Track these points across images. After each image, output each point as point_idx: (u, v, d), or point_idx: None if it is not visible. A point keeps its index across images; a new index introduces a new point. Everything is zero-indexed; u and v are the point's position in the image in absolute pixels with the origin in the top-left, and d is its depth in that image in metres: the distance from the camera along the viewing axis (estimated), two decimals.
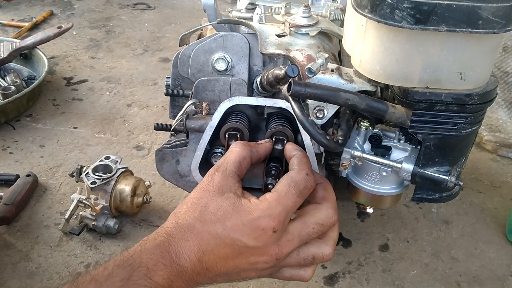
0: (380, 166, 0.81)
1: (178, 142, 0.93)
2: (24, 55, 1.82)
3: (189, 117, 0.85)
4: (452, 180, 0.75)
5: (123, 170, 1.18)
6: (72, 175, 1.20)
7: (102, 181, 1.13)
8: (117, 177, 1.16)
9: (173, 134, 0.97)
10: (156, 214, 1.23)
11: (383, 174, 0.82)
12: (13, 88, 1.62)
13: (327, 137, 0.72)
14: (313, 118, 0.79)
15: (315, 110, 0.79)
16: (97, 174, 1.15)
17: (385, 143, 0.81)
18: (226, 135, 0.77)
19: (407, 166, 0.77)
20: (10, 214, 1.18)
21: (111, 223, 1.14)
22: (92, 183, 1.12)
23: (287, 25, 0.89)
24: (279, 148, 0.76)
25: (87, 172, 1.15)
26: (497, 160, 1.48)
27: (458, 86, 0.68)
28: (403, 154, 0.80)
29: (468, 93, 0.68)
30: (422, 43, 0.65)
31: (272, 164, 0.76)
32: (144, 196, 1.19)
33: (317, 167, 0.80)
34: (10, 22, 2.34)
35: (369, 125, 0.81)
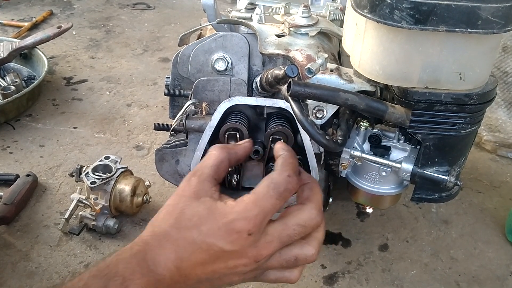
0: (380, 166, 0.81)
1: (178, 142, 0.93)
2: (24, 55, 1.82)
3: (189, 117, 0.85)
4: (452, 180, 0.75)
5: (123, 170, 1.18)
6: (72, 175, 1.20)
7: (102, 181, 1.13)
8: (117, 177, 1.15)
9: (173, 134, 0.97)
10: None
11: (383, 174, 0.82)
12: (13, 88, 1.62)
13: (327, 137, 0.72)
14: (313, 118, 0.79)
15: (315, 110, 0.79)
16: (97, 174, 1.15)
17: (385, 143, 0.82)
18: (226, 135, 0.77)
19: (407, 166, 0.77)
20: (10, 214, 1.18)
21: (111, 223, 1.14)
22: (92, 183, 1.12)
23: (287, 25, 0.89)
24: None
25: (87, 172, 1.15)
26: (497, 160, 1.48)
27: (458, 86, 0.68)
28: (403, 154, 0.80)
29: (468, 93, 0.69)
30: (422, 43, 0.65)
31: (272, 164, 0.77)
32: (144, 196, 1.19)
33: (317, 167, 0.80)
34: (10, 22, 2.33)
35: (369, 125, 0.82)
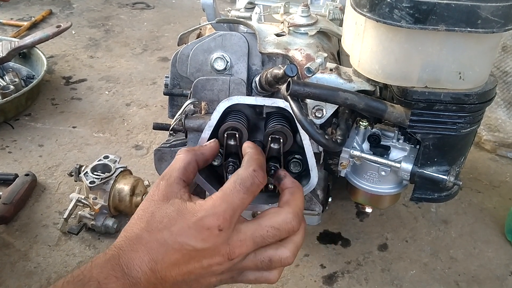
0: (379, 166, 0.81)
1: (177, 142, 0.93)
2: (23, 54, 1.82)
3: (188, 117, 0.85)
4: (451, 180, 0.75)
5: (122, 170, 1.18)
6: (71, 175, 1.20)
7: (101, 181, 1.13)
8: (116, 177, 1.15)
9: (172, 134, 0.97)
10: None
11: (382, 174, 0.82)
12: (12, 88, 1.62)
13: (326, 137, 0.71)
14: (312, 118, 0.79)
15: (314, 110, 0.79)
16: (96, 174, 1.14)
17: (384, 143, 0.81)
18: (225, 135, 0.77)
19: (406, 166, 0.77)
20: (9, 214, 1.18)
21: (110, 223, 1.14)
22: (91, 183, 1.12)
23: (286, 25, 0.89)
24: (277, 148, 0.76)
25: (86, 172, 1.15)
26: (496, 160, 1.48)
27: (457, 86, 0.68)
28: (402, 154, 0.80)
29: (467, 93, 0.68)
30: (421, 43, 0.65)
31: (271, 164, 0.76)
32: (143, 196, 1.18)
33: (316, 167, 0.80)
34: (9, 21, 2.33)
35: (368, 125, 0.81)
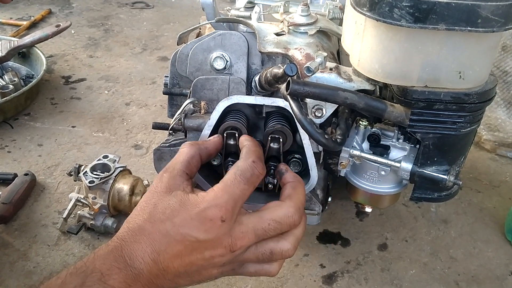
0: (379, 165, 0.81)
1: (176, 141, 0.93)
2: (22, 54, 1.82)
3: (188, 116, 0.84)
4: (451, 180, 0.75)
5: (121, 169, 1.17)
6: (70, 174, 1.20)
7: (100, 180, 1.13)
8: (115, 176, 1.15)
9: (171, 133, 0.97)
10: None
11: (382, 173, 0.82)
12: (11, 87, 1.62)
13: (326, 136, 0.71)
14: (312, 117, 0.79)
15: (314, 109, 0.79)
16: (95, 173, 1.14)
17: (384, 142, 0.81)
18: (225, 134, 0.77)
19: (406, 165, 0.77)
20: (8, 213, 1.18)
21: (109, 222, 1.14)
22: (90, 182, 1.12)
23: (286, 24, 0.89)
24: (276, 147, 0.76)
25: (85, 171, 1.15)
26: (496, 160, 1.48)
27: (457, 85, 0.68)
28: (402, 153, 0.80)
29: (467, 92, 0.68)
30: (421, 42, 0.65)
31: (271, 163, 0.76)
32: (143, 195, 1.18)
33: (316, 166, 0.80)
34: (8, 21, 2.33)
35: (368, 124, 0.81)
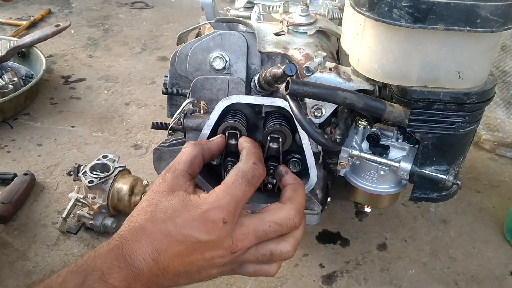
0: (378, 165, 0.81)
1: (176, 141, 0.93)
2: (22, 54, 1.82)
3: (187, 116, 0.84)
4: (450, 179, 0.75)
5: (121, 169, 1.17)
6: (70, 174, 1.20)
7: (100, 180, 1.13)
8: (115, 176, 1.15)
9: (171, 133, 0.97)
10: None
11: (381, 173, 0.82)
12: (11, 87, 1.62)
13: (325, 136, 0.71)
14: (311, 117, 0.79)
15: (313, 109, 0.79)
16: (95, 173, 1.14)
17: (383, 142, 0.81)
18: (226, 134, 0.77)
19: (405, 165, 0.77)
20: (8, 213, 1.18)
21: (109, 222, 1.14)
22: (90, 182, 1.12)
23: (285, 24, 0.89)
24: (276, 147, 0.76)
25: (85, 171, 1.15)
26: (495, 160, 1.48)
27: (457, 85, 0.68)
28: (401, 153, 0.80)
29: (467, 92, 0.68)
30: (420, 42, 0.65)
31: (271, 163, 0.76)
32: (142, 195, 1.18)
33: (315, 166, 0.80)
34: (8, 21, 2.33)
35: (367, 124, 0.81)
